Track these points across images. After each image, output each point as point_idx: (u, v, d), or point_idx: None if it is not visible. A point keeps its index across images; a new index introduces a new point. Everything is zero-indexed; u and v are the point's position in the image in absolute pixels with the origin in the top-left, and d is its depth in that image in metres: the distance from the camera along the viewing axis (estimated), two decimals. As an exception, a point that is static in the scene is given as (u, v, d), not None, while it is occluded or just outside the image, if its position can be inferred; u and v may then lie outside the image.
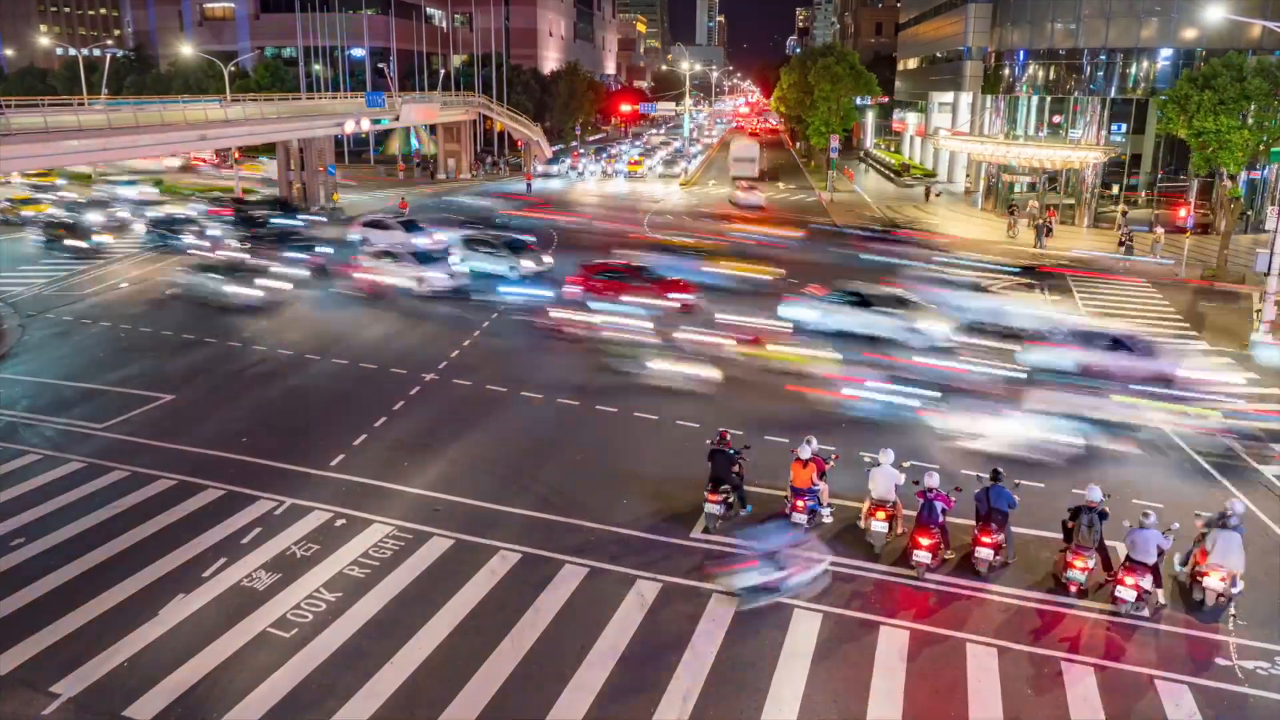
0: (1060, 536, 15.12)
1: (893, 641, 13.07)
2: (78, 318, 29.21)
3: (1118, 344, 23.75)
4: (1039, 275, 36.68)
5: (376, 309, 30.79)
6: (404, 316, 30.03)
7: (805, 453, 15.80)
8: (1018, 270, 36.65)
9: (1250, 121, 35.70)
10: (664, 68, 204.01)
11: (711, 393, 22.67)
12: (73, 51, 76.11)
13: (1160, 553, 13.86)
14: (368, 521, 16.17)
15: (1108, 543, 14.56)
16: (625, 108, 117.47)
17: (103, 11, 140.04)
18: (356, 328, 28.63)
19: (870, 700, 11.87)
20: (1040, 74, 53.62)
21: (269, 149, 60.29)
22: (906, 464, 16.31)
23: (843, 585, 14.44)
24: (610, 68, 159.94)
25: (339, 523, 16.11)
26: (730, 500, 16.20)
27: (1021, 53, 54.34)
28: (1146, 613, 13.72)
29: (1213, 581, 13.70)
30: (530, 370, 24.37)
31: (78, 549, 15.07)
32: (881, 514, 15.41)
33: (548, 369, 24.49)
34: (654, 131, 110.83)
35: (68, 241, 38.59)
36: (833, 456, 16.86)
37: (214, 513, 16.39)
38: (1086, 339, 24.12)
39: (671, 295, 29.43)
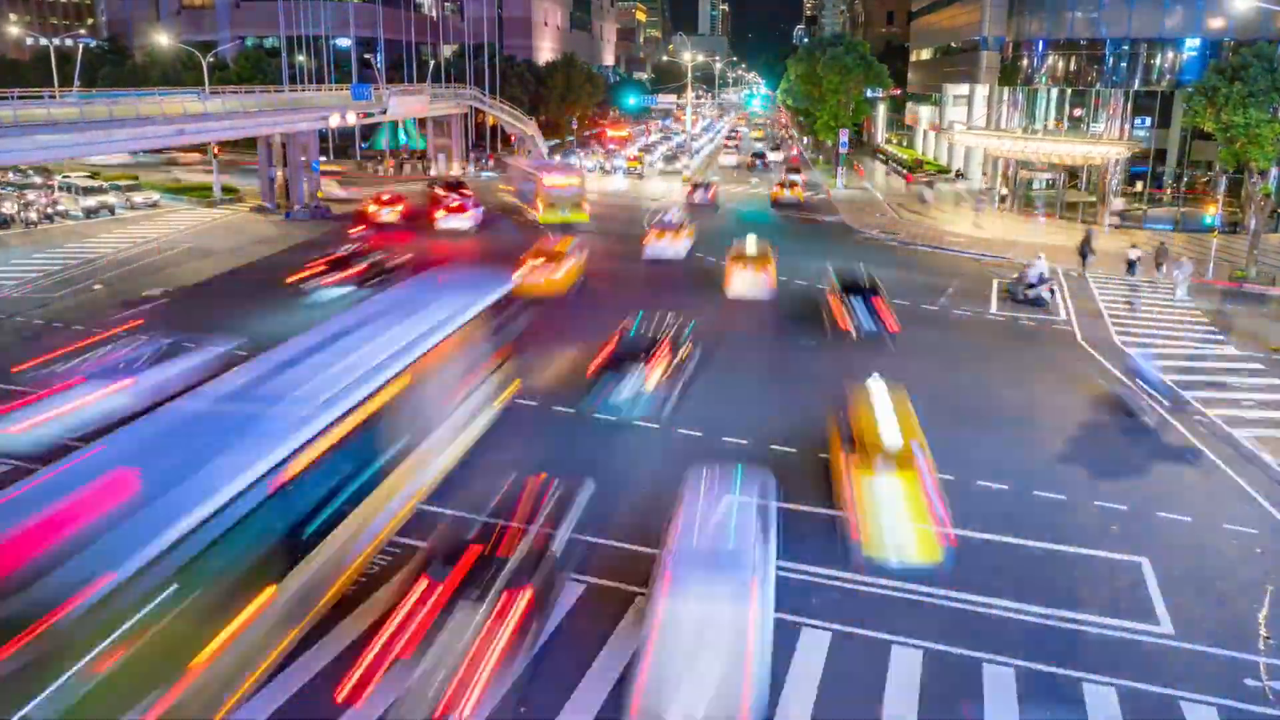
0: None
1: (906, 661, 13.08)
2: (49, 320, 29.24)
3: None
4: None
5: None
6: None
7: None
8: None
9: (1281, 115, 35.84)
10: (665, 59, 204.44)
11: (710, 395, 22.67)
12: (44, 41, 76.21)
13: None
14: (353, 535, 16.10)
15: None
16: (630, 100, 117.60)
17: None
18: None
19: (882, 723, 11.89)
20: (1060, 65, 53.79)
21: (249, 143, 60.39)
22: None
23: (853, 601, 14.46)
24: (609, 59, 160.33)
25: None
26: None
27: (1040, 43, 54.52)
28: None
29: None
30: (524, 375, 24.36)
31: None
32: None
33: (543, 374, 24.48)
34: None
35: None
36: None
37: (192, 526, 16.31)
38: None
39: None
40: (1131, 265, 38.35)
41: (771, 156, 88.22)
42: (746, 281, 31.86)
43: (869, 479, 15.22)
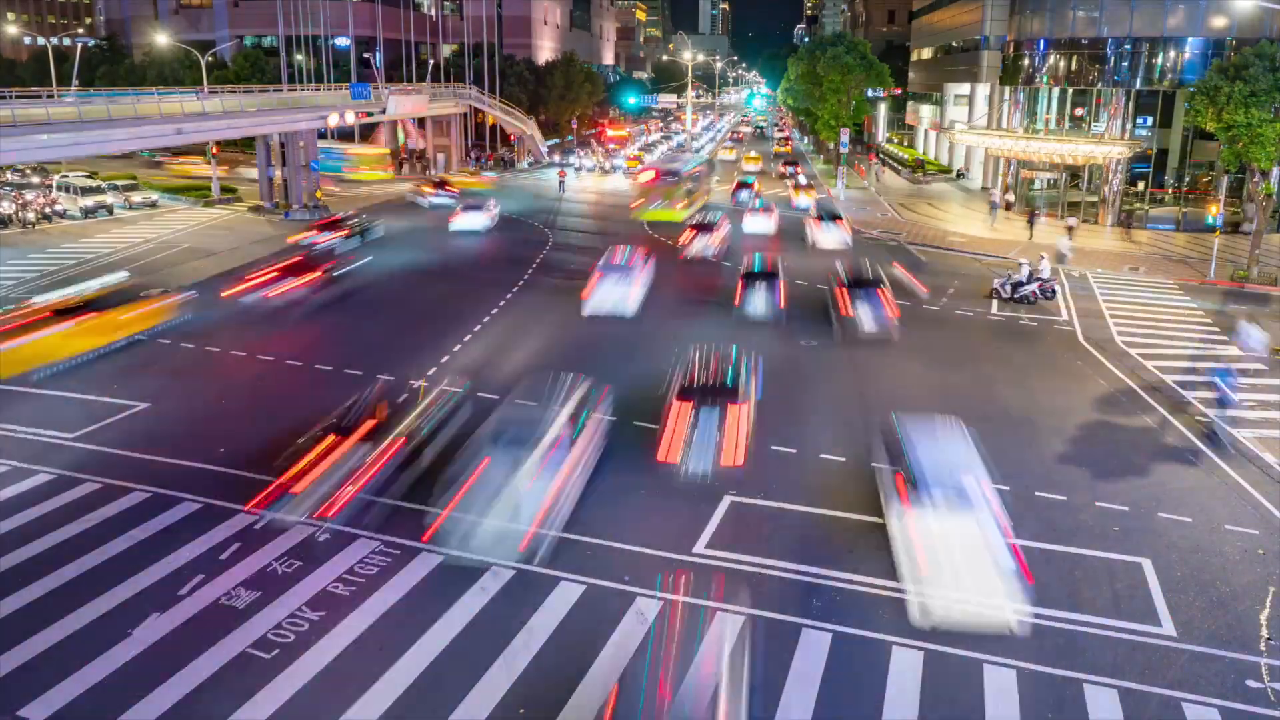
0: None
1: (906, 662, 13.10)
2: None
3: None
4: None
5: (362, 313, 30.91)
6: (391, 322, 30.10)
7: None
8: None
9: (1283, 114, 35.84)
10: (665, 58, 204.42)
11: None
12: (41, 41, 76.29)
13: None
14: (353, 536, 16.21)
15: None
16: (630, 99, 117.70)
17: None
18: (341, 332, 28.69)
19: (882, 724, 11.96)
20: (1061, 64, 53.80)
21: (248, 143, 60.42)
22: None
23: (854, 603, 14.49)
24: (608, 58, 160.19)
25: (322, 538, 16.15)
26: None
27: (1042, 42, 54.53)
28: None
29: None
30: (524, 377, 24.42)
31: (47, 565, 15.09)
32: None
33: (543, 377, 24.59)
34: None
35: None
36: None
37: (190, 527, 16.41)
38: None
39: None
40: (1070, 230, 45.72)
41: (773, 133, 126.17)
42: (750, 166, 76.66)
43: (798, 195, 56.42)
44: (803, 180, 63.15)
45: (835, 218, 44.49)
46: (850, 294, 28.91)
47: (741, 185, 58.02)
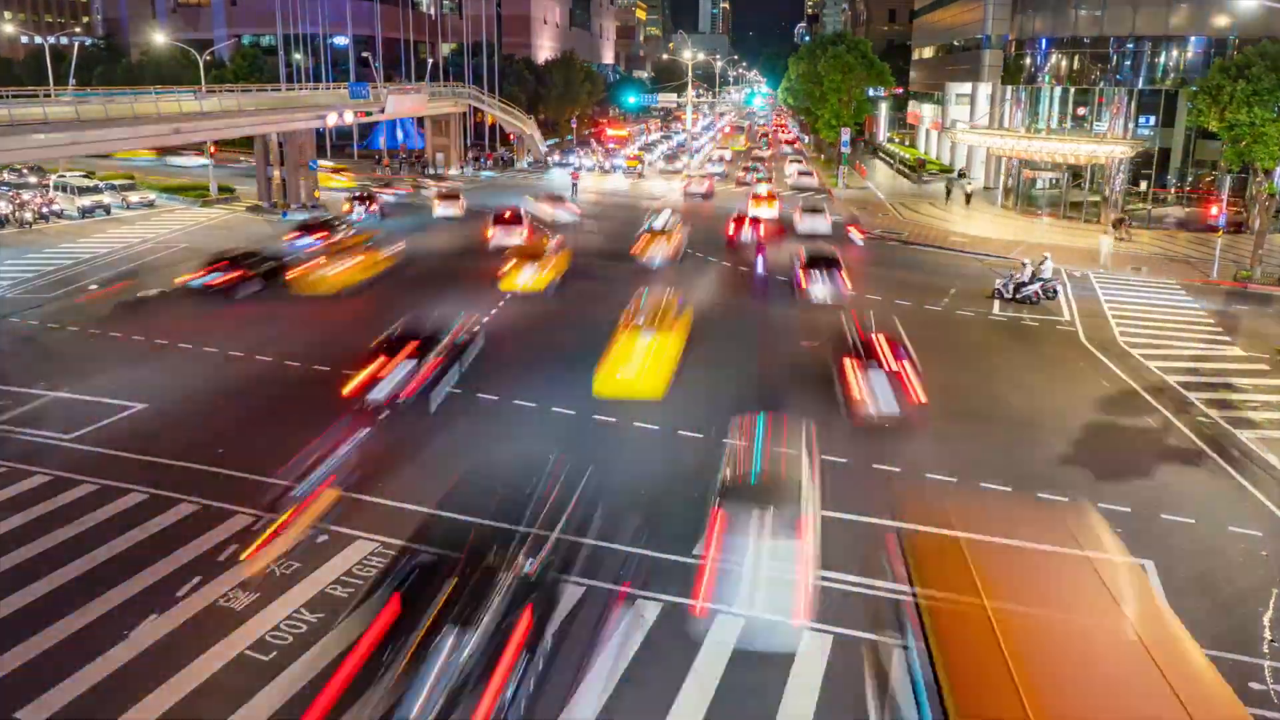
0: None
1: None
2: (44, 321, 29.26)
3: None
4: None
5: (367, 315, 30.91)
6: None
7: None
8: None
9: (1286, 113, 35.87)
10: (665, 57, 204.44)
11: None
12: (38, 40, 76.31)
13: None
14: (351, 537, 16.20)
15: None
16: (630, 98, 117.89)
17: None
18: (343, 333, 28.68)
19: (884, 727, 11.93)
20: (1063, 64, 53.82)
21: (246, 142, 60.48)
22: None
23: (855, 605, 14.48)
24: (608, 57, 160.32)
25: (321, 539, 16.14)
26: None
27: (1044, 41, 54.57)
28: None
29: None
30: (523, 378, 24.43)
31: (43, 567, 15.08)
32: None
33: (543, 377, 24.55)
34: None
35: None
36: None
37: (188, 528, 16.41)
38: None
39: None
40: (969, 197, 55.83)
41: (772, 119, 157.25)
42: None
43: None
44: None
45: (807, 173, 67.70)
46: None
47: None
